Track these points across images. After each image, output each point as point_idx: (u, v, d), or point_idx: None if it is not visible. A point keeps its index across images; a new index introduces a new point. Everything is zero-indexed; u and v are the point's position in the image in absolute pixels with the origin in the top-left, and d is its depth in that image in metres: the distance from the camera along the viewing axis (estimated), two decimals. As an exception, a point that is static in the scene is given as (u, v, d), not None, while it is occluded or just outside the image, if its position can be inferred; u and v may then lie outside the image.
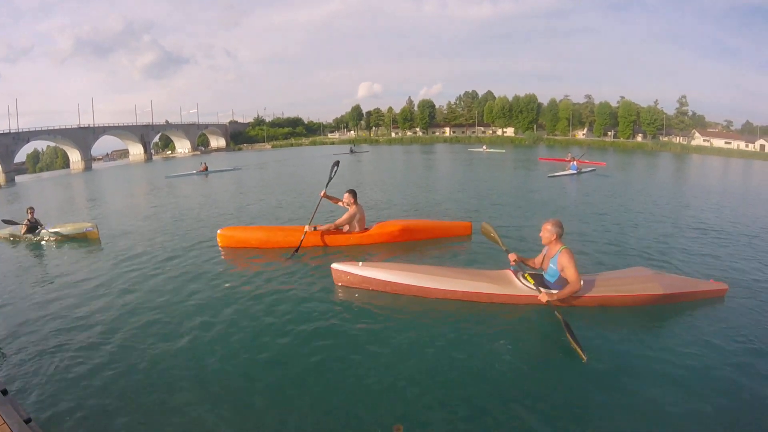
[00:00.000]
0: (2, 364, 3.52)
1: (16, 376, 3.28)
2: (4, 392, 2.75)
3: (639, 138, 55.48)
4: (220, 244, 6.31)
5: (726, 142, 50.51)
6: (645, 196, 11.52)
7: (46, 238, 8.02)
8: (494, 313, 3.88)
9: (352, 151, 37.58)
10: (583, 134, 59.80)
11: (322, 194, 6.19)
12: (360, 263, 4.49)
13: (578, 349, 3.09)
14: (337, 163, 6.52)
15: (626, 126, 55.84)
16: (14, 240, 8.30)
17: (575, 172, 15.98)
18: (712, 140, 51.60)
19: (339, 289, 4.53)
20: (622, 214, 8.63)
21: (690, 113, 55.63)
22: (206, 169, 22.92)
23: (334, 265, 4.56)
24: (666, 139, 53.58)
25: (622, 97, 58.27)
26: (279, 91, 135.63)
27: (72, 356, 3.53)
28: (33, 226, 8.16)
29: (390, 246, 6.03)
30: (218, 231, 6.42)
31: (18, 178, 49.56)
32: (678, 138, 53.84)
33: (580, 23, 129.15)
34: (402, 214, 8.67)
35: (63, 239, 7.85)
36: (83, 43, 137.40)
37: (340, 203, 6.17)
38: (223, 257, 6.00)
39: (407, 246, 6.01)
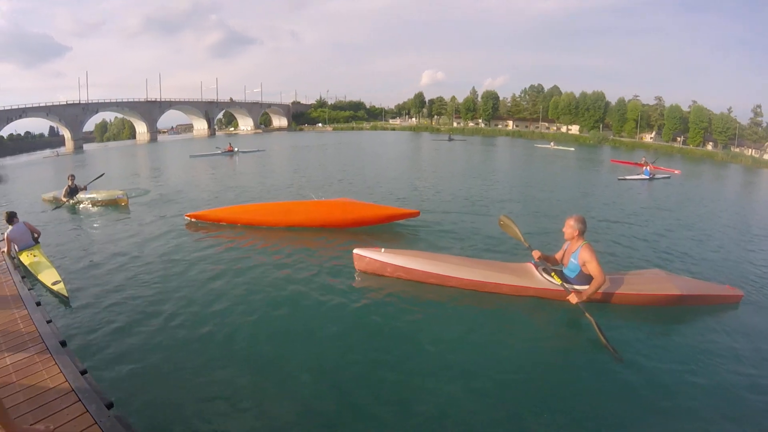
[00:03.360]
0: (64, 316, 3.70)
1: (75, 329, 3.43)
2: (63, 344, 2.82)
3: (709, 146, 54.85)
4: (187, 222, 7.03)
5: (800, 158, 50.45)
6: (706, 206, 11.24)
7: (83, 203, 8.85)
8: (514, 305, 3.88)
9: (450, 139, 41.55)
10: (651, 138, 58.95)
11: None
12: (382, 249, 4.49)
13: (612, 351, 3.15)
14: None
15: (696, 132, 54.77)
16: (56, 203, 9.09)
17: (648, 177, 15.43)
18: (785, 155, 51.45)
19: (360, 274, 4.56)
20: (674, 221, 8.50)
21: (765, 124, 54.82)
22: (232, 149, 23.00)
23: (356, 251, 4.58)
24: (737, 149, 52.94)
25: (694, 102, 57.02)
26: (342, 75, 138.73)
27: (128, 315, 3.68)
28: (74, 191, 8.99)
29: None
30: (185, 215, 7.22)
31: (86, 146, 50.93)
32: (750, 150, 53.27)
33: (649, 22, 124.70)
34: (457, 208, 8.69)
35: (98, 204, 8.74)
36: (152, 20, 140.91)
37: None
38: (240, 235, 6.32)
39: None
